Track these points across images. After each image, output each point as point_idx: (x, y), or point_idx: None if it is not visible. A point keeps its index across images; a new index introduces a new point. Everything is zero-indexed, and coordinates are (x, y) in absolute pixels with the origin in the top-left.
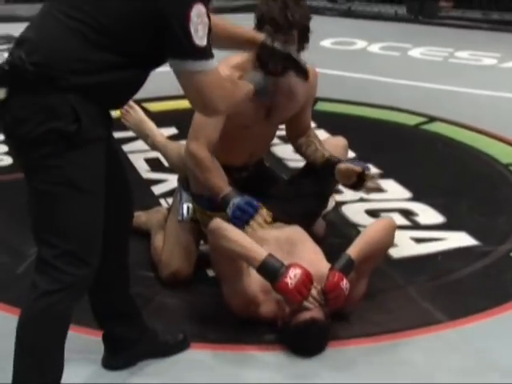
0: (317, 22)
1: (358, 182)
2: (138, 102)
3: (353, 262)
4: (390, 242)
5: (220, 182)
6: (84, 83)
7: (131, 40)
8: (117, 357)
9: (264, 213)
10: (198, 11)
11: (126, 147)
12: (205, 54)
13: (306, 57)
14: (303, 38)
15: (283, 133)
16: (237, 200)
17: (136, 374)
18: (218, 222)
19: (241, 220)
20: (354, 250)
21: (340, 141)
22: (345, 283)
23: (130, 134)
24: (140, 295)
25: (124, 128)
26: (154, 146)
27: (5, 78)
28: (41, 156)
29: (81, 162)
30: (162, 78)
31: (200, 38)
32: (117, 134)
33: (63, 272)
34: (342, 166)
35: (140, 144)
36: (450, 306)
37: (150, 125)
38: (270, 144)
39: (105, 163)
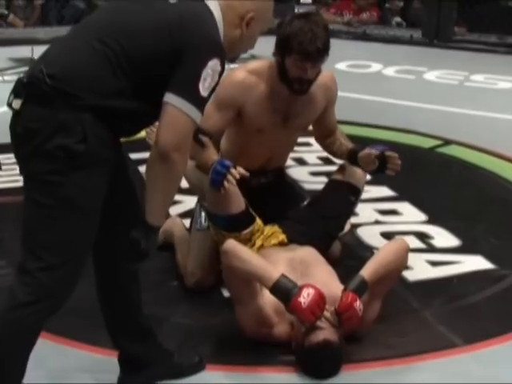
0: (332, 45)
1: (381, 165)
2: None
3: (366, 283)
4: (404, 264)
5: (210, 153)
6: (98, 105)
7: (152, 74)
8: (132, 377)
9: (234, 170)
10: (214, 65)
11: (144, 168)
12: (200, 104)
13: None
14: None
15: (298, 155)
16: (215, 164)
17: None
18: (232, 243)
19: (217, 182)
20: (367, 272)
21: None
22: (358, 304)
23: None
24: (155, 316)
25: (144, 149)
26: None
27: (22, 90)
28: (46, 171)
29: (83, 183)
30: None
31: (204, 88)
32: (137, 155)
33: (44, 285)
34: (362, 153)
35: None
36: (465, 329)
37: None
38: (289, 151)
39: (108, 185)
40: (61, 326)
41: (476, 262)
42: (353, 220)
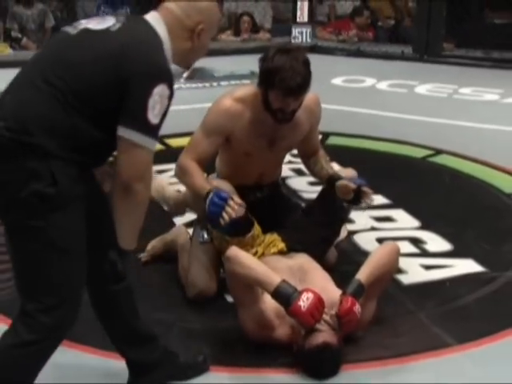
0: (328, 62)
1: (356, 197)
2: (160, 138)
3: (363, 286)
4: (395, 265)
5: (202, 182)
6: (59, 148)
7: (103, 106)
8: (139, 379)
9: (232, 202)
10: (161, 91)
11: None
12: (152, 131)
13: (319, 94)
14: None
15: (297, 166)
16: (210, 195)
17: None
18: (234, 250)
19: (215, 214)
20: (363, 275)
21: (350, 172)
22: (357, 307)
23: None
24: (161, 321)
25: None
26: (178, 204)
27: None
28: (24, 218)
29: (62, 223)
30: (182, 116)
31: (154, 116)
32: None
33: (45, 324)
34: (340, 183)
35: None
36: (458, 330)
37: (167, 188)
38: (280, 167)
39: (86, 213)
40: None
41: (467, 266)
42: (349, 227)
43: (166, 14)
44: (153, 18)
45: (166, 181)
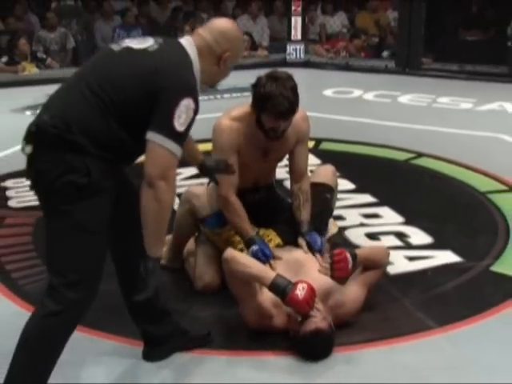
0: (319, 75)
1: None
2: None
3: (356, 255)
4: (385, 260)
5: (247, 226)
6: (95, 146)
7: (137, 115)
8: (154, 350)
9: (273, 261)
10: (188, 104)
11: None
12: (177, 137)
13: (312, 104)
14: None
15: None
16: (255, 248)
17: (163, 373)
18: (231, 252)
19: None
20: (358, 250)
21: (329, 168)
22: (348, 256)
23: None
24: (174, 311)
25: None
26: (173, 252)
27: (32, 137)
28: (58, 203)
29: (90, 209)
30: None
31: (180, 124)
32: None
33: (69, 298)
34: (300, 242)
35: None
36: (439, 314)
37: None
38: (274, 171)
39: (112, 207)
40: (90, 319)
41: (446, 256)
42: (340, 223)
43: (198, 39)
44: (187, 41)
45: None
